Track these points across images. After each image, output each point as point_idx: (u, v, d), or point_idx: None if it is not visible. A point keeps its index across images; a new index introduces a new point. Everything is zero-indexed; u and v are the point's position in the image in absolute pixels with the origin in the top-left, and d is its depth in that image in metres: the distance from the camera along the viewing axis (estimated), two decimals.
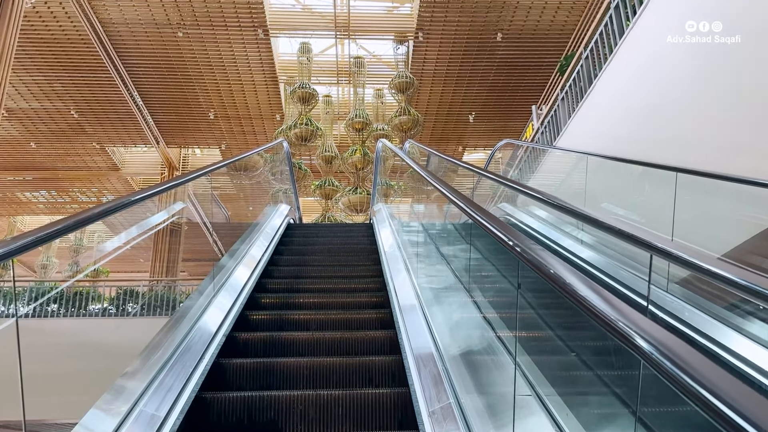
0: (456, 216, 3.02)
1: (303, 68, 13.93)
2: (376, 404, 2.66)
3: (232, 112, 15.98)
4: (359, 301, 4.12)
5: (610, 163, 4.26)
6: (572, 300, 1.29)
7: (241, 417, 2.62)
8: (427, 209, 5.05)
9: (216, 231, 4.69)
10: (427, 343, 2.92)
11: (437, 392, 2.51)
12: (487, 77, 14.60)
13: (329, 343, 3.38)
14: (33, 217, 21.76)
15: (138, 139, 17.20)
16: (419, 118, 13.22)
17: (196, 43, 13.44)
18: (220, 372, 2.96)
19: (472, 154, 19.02)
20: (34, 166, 18.25)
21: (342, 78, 16.00)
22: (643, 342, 0.96)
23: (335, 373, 3.00)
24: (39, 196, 20.50)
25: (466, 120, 16.41)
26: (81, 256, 19.47)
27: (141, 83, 14.76)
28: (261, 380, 2.98)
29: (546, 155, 7.09)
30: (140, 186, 18.99)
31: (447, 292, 3.06)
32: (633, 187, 4.43)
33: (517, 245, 1.76)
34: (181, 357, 2.83)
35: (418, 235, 4.45)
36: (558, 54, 13.49)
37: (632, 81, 5.62)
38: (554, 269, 1.44)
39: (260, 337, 3.41)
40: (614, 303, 1.16)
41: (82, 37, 12.93)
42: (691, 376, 0.82)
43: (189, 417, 2.48)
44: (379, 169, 8.90)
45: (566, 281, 1.36)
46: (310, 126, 13.20)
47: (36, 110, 15.50)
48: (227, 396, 2.66)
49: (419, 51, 13.79)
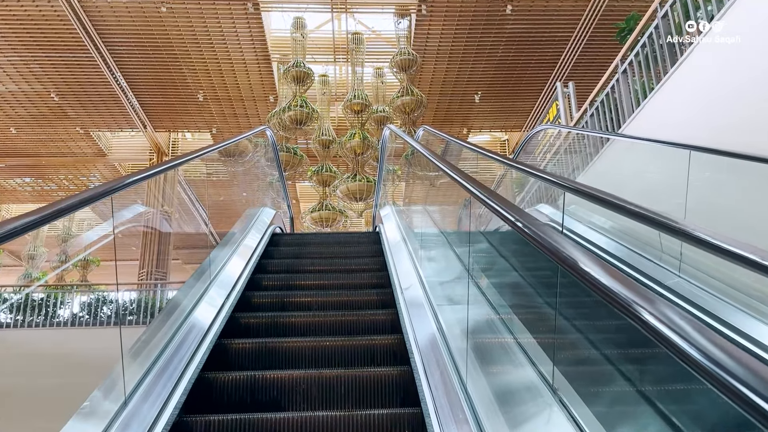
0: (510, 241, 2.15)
1: (297, 45, 12.93)
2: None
3: (222, 93, 15.00)
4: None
5: (740, 164, 2.87)
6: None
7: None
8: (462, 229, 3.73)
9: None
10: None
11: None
12: (495, 53, 13.61)
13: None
14: (19, 205, 20.85)
15: (124, 123, 16.23)
16: (423, 99, 12.26)
17: (181, 19, 12.43)
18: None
19: (477, 135, 18.06)
20: (16, 153, 17.30)
21: (339, 56, 15.00)
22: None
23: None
24: (24, 183, 19.59)
25: (471, 100, 15.44)
26: (70, 246, 18.71)
27: (124, 63, 13.77)
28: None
29: (608, 146, 5.50)
30: (128, 172, 18.08)
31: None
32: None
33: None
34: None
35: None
36: (572, 25, 12.50)
37: (757, 49, 4.00)
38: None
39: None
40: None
41: (57, 13, 11.93)
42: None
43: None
44: (385, 162, 7.54)
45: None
46: (305, 108, 12.24)
47: (14, 93, 14.52)
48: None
49: (422, 26, 12.78)
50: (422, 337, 2.91)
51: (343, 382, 2.70)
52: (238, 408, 2.65)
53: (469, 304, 2.48)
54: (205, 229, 4.30)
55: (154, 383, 2.46)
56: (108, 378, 2.25)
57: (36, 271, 19.54)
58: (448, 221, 4.00)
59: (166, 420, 2.29)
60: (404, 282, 3.78)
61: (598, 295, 1.17)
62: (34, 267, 19.66)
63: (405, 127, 12.47)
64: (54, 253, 19.95)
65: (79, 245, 19.72)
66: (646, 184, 4.43)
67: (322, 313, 3.52)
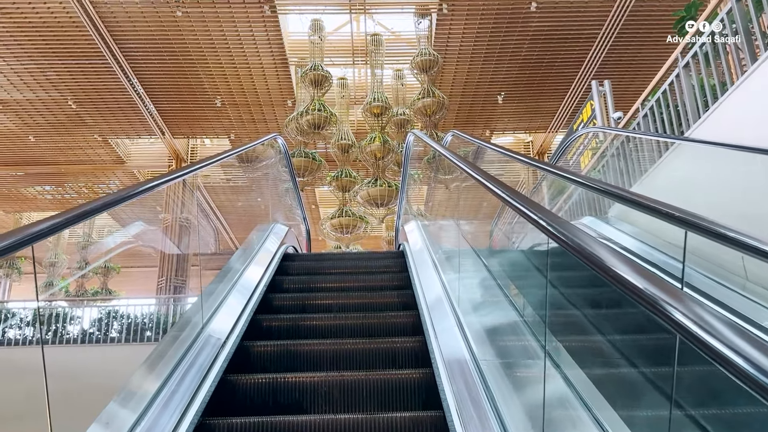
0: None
1: (315, 48, 12.60)
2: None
3: (240, 98, 14.75)
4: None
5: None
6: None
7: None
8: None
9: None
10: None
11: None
12: (518, 52, 13.14)
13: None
14: (40, 213, 20.85)
15: (142, 130, 16.07)
16: (445, 101, 11.84)
17: (197, 23, 12.20)
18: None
19: (499, 137, 17.57)
20: (35, 161, 17.26)
21: (358, 58, 14.65)
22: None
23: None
24: (44, 191, 19.58)
25: (494, 101, 14.98)
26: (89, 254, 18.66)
27: (140, 69, 13.58)
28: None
29: (671, 152, 4.60)
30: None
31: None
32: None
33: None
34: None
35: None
36: (601, 21, 11.99)
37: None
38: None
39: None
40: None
41: (72, 19, 11.77)
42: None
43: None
44: (409, 171, 6.78)
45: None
46: (323, 112, 11.89)
47: (31, 101, 14.43)
48: None
49: (443, 25, 12.38)
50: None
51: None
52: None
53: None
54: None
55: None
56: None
57: (57, 278, 19.56)
58: (482, 240, 3.55)
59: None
60: (446, 353, 2.81)
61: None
62: (56, 275, 19.68)
63: (427, 130, 12.06)
64: (75, 260, 19.94)
65: (99, 252, 19.68)
66: (736, 199, 3.66)
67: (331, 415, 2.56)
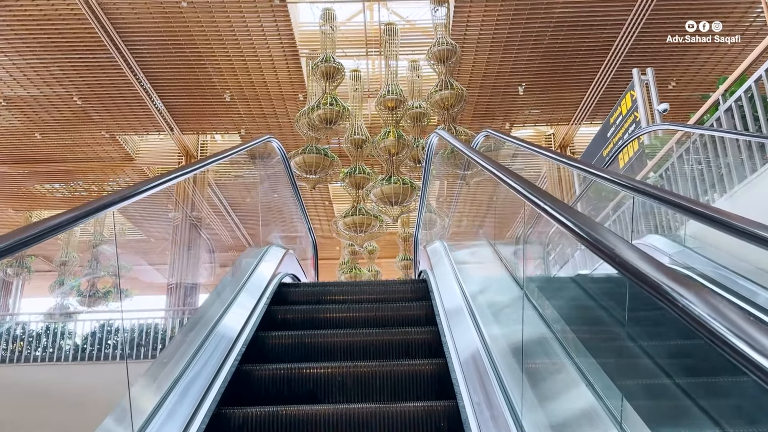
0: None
1: (326, 39, 11.99)
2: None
3: (249, 92, 14.22)
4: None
5: None
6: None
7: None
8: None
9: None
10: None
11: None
12: (540, 41, 12.45)
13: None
14: (50, 212, 20.55)
15: (150, 126, 15.61)
16: (464, 92, 11.20)
17: (203, 14, 11.67)
18: None
19: (519, 130, 16.86)
20: (43, 159, 16.91)
21: (372, 49, 14.05)
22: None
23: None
24: (54, 189, 19.25)
25: (515, 92, 14.29)
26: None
27: (146, 64, 13.09)
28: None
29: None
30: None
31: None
32: None
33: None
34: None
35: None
36: (628, 8, 11.27)
37: None
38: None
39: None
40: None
41: (74, 12, 11.31)
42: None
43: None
44: (429, 178, 5.83)
45: None
46: (335, 106, 11.30)
47: (36, 97, 14.02)
48: None
49: (461, 13, 11.72)
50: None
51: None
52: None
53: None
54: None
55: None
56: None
57: (69, 277, 19.30)
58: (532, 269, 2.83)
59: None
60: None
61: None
62: (67, 273, 19.41)
63: (444, 124, 11.43)
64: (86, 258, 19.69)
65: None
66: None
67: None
